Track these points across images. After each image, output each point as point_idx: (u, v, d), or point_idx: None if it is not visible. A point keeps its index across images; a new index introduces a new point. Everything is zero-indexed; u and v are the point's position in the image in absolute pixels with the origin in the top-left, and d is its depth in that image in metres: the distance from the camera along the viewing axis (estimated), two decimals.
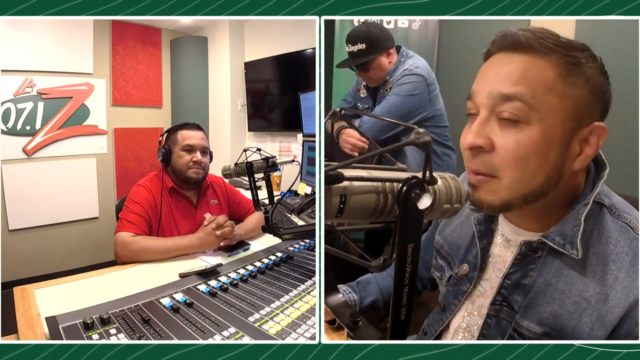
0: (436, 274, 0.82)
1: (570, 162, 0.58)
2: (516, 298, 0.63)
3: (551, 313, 0.59)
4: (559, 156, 0.57)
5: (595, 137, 0.58)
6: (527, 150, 0.55)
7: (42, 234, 2.85)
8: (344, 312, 0.65)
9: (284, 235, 1.15)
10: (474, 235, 0.72)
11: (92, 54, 2.96)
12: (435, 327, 0.77)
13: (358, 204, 0.42)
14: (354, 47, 1.69)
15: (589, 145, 0.58)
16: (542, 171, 0.57)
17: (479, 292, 0.70)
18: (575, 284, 0.58)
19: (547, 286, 0.60)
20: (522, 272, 0.63)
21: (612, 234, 0.59)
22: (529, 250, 0.63)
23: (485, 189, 0.59)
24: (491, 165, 0.58)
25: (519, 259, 0.64)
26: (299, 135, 2.61)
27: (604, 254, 0.58)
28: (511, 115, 0.56)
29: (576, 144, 0.57)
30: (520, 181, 0.57)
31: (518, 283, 0.63)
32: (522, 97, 0.55)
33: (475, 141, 0.58)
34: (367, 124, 1.64)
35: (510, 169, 0.56)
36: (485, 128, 0.58)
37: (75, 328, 0.79)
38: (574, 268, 0.59)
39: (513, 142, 0.56)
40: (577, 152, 0.58)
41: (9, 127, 2.65)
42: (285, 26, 2.90)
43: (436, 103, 1.73)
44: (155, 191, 1.47)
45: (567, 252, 0.59)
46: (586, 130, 0.57)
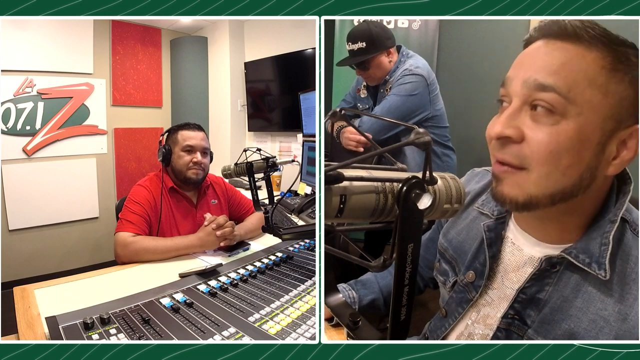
0: (439, 278, 0.80)
1: (605, 165, 0.54)
2: (529, 312, 0.60)
3: (566, 330, 0.56)
4: (594, 157, 0.53)
5: (635, 141, 0.53)
6: (559, 145, 0.51)
7: (42, 234, 2.85)
8: (344, 312, 0.64)
9: (284, 235, 1.15)
10: (483, 241, 0.69)
11: (92, 54, 2.96)
12: (438, 333, 0.75)
13: (358, 204, 0.42)
14: (355, 46, 1.69)
15: (627, 149, 0.54)
16: (575, 170, 0.53)
17: (484, 301, 0.68)
18: (593, 302, 0.55)
19: (563, 302, 0.57)
20: (538, 287, 0.60)
21: (634, 251, 0.55)
22: (548, 266, 0.60)
23: (510, 182, 0.55)
24: (521, 156, 0.54)
25: (537, 275, 0.60)
26: (299, 135, 2.61)
27: (625, 272, 0.55)
28: (546, 105, 0.52)
29: (614, 146, 0.53)
30: (549, 176, 0.53)
31: (533, 297, 0.60)
32: (559, 88, 0.51)
33: (503, 131, 0.54)
34: (367, 124, 1.64)
35: (540, 163, 0.52)
36: (515, 118, 0.54)
37: (75, 328, 0.79)
38: (593, 285, 0.56)
39: (545, 135, 0.52)
40: (614, 155, 0.54)
41: (9, 127, 2.65)
42: (285, 26, 2.90)
43: (436, 103, 1.73)
44: (155, 191, 1.47)
45: (593, 272, 0.55)
46: (626, 132, 0.53)
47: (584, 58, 0.52)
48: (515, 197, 0.55)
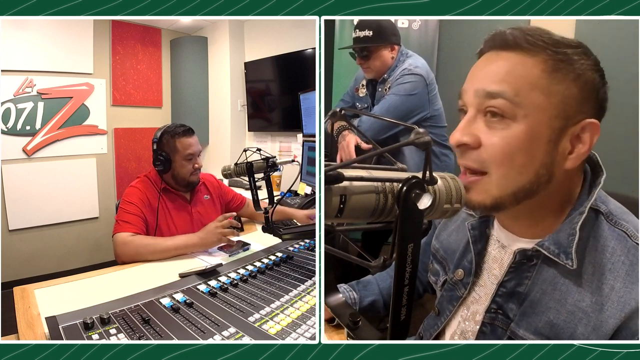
0: (432, 278, 0.82)
1: (561, 161, 0.57)
2: (511, 306, 0.63)
3: (547, 322, 0.59)
4: (547, 154, 0.56)
5: (588, 134, 0.56)
6: (511, 147, 0.55)
7: (42, 234, 2.85)
8: (344, 312, 0.64)
9: (284, 235, 1.15)
10: (469, 240, 0.72)
11: (92, 54, 2.96)
12: (430, 331, 0.77)
13: (358, 204, 0.42)
14: (361, 33, 1.69)
15: (582, 142, 0.57)
16: (530, 168, 0.56)
17: (473, 298, 0.70)
18: (570, 294, 0.58)
19: (542, 295, 0.60)
20: (517, 280, 0.63)
21: (609, 242, 0.58)
22: (523, 259, 0.62)
23: (477, 189, 0.59)
24: (480, 161, 0.58)
25: (513, 267, 0.63)
26: (299, 135, 2.61)
27: (600, 264, 0.57)
28: (497, 111, 0.56)
29: (567, 141, 0.56)
30: (507, 177, 0.57)
31: (513, 291, 0.63)
32: (505, 94, 0.55)
33: (461, 139, 0.58)
34: (366, 123, 1.64)
35: (497, 165, 0.56)
36: (471, 126, 0.58)
37: (75, 328, 0.79)
38: (569, 277, 0.58)
39: (498, 139, 0.56)
40: (569, 150, 0.57)
41: (9, 127, 2.65)
42: (285, 26, 2.90)
43: (435, 103, 1.73)
44: (148, 191, 1.48)
45: (561, 262, 0.58)
46: (577, 127, 0.56)
47: (525, 64, 0.56)
48: (482, 202, 0.59)
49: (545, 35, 0.57)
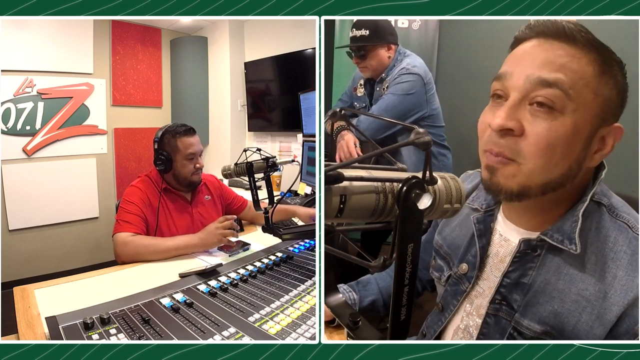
0: (435, 274, 0.82)
1: (589, 158, 0.59)
2: (515, 297, 0.63)
3: (551, 312, 0.59)
4: (583, 149, 0.57)
5: (612, 138, 0.59)
6: (557, 139, 0.55)
7: (42, 234, 2.85)
8: (344, 312, 0.64)
9: (284, 235, 1.15)
10: (474, 234, 0.72)
11: (92, 54, 2.96)
12: (435, 328, 0.77)
13: (358, 204, 0.42)
14: (358, 32, 1.69)
15: (605, 144, 0.59)
16: (566, 161, 0.57)
17: (477, 292, 0.70)
18: (574, 283, 0.59)
19: (546, 285, 0.61)
20: (521, 271, 0.64)
21: (611, 232, 0.59)
22: (527, 249, 0.63)
23: (504, 173, 0.58)
24: (516, 150, 0.57)
25: (518, 257, 0.64)
26: (299, 135, 2.61)
27: (603, 253, 0.58)
28: (547, 101, 0.55)
29: (596, 141, 0.58)
30: (543, 169, 0.56)
31: (517, 282, 0.64)
32: (563, 85, 0.54)
33: (506, 123, 0.56)
34: (365, 123, 1.64)
35: (537, 156, 0.56)
36: (516, 112, 0.57)
37: (75, 328, 0.79)
38: (573, 266, 0.59)
39: (544, 129, 0.55)
40: (595, 149, 0.59)
41: (9, 127, 2.65)
42: (285, 26, 2.90)
43: (432, 102, 1.73)
44: (148, 191, 1.48)
45: (565, 248, 0.59)
46: (606, 129, 0.58)
47: (580, 60, 0.56)
48: (510, 187, 0.58)
49: (592, 36, 0.57)
